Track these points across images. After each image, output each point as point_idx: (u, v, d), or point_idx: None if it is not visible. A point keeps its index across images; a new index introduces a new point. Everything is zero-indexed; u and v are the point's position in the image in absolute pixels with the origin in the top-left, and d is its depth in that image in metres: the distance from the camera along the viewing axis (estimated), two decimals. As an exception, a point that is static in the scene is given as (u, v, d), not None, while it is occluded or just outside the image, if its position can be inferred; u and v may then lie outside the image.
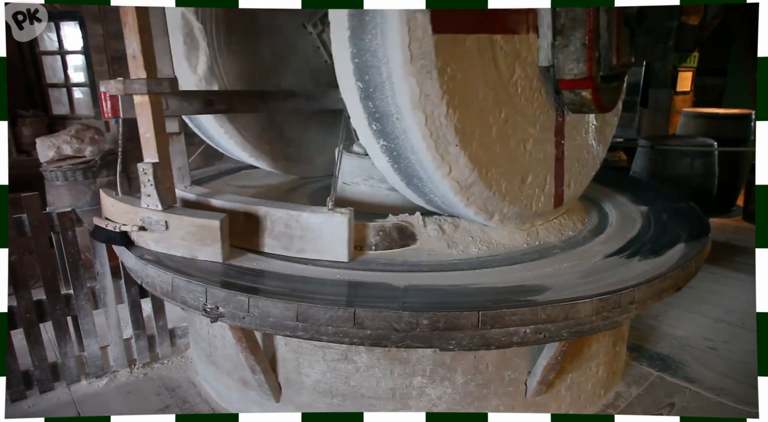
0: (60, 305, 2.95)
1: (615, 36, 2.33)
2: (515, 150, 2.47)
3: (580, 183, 2.91)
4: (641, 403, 2.84)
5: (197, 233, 2.32)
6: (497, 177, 2.39)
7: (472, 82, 2.24)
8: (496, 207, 2.46)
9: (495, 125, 2.36)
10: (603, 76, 2.36)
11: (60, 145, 4.34)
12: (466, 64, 2.20)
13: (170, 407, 2.85)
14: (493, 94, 2.33)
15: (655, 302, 2.20)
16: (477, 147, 2.28)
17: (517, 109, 2.44)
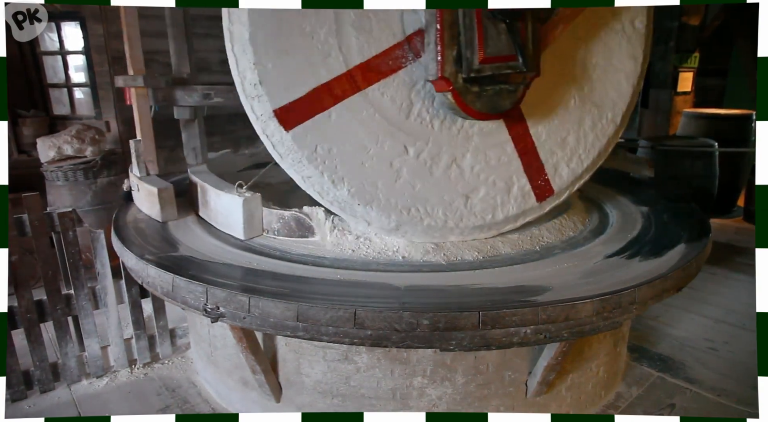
0: (60, 305, 2.95)
1: (477, 33, 2.12)
2: (443, 177, 2.44)
3: (581, 159, 2.68)
4: (642, 404, 2.84)
5: (149, 196, 2.90)
6: (426, 211, 2.43)
7: (355, 145, 2.33)
8: (436, 235, 2.50)
9: (404, 166, 2.40)
10: (472, 77, 2.16)
11: (61, 145, 4.34)
12: (339, 134, 2.30)
13: (170, 407, 2.85)
14: (390, 139, 2.37)
15: (656, 302, 2.20)
16: (386, 196, 2.39)
17: (430, 138, 2.41)
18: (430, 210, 2.45)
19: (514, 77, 2.22)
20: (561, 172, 2.66)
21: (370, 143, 2.35)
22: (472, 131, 2.47)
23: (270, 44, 2.22)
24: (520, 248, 2.55)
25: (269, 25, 2.22)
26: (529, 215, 2.67)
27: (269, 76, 2.23)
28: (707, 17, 7.36)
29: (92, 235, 2.96)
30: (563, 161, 2.66)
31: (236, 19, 2.22)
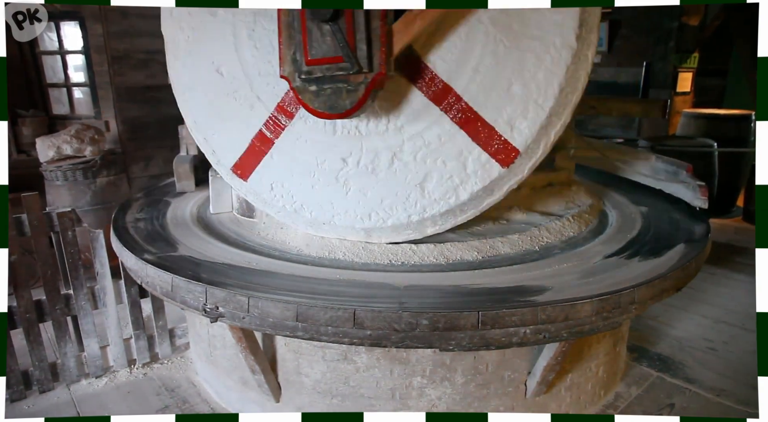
0: (60, 305, 2.95)
1: (302, 35, 2.14)
2: (389, 175, 2.38)
3: (539, 105, 2.24)
4: (641, 404, 2.84)
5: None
6: (386, 211, 2.41)
7: (300, 172, 2.49)
8: (408, 232, 2.47)
9: (349, 178, 2.43)
10: (306, 77, 2.17)
11: (60, 145, 4.34)
12: (284, 168, 2.53)
13: (170, 407, 2.85)
14: (328, 157, 2.43)
15: (655, 302, 2.20)
16: (344, 209, 2.45)
17: (362, 144, 2.39)
18: (389, 210, 2.40)
19: (353, 77, 2.13)
20: (519, 127, 2.27)
21: (312, 167, 2.47)
22: (400, 122, 2.34)
23: (210, 120, 2.64)
24: (519, 248, 2.55)
25: (205, 102, 2.63)
26: (504, 185, 2.37)
27: (218, 143, 2.66)
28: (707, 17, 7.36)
29: (91, 235, 2.96)
30: (517, 114, 2.26)
31: (181, 108, 2.76)
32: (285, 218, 2.64)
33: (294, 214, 2.57)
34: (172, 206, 3.17)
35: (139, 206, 3.18)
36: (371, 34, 2.08)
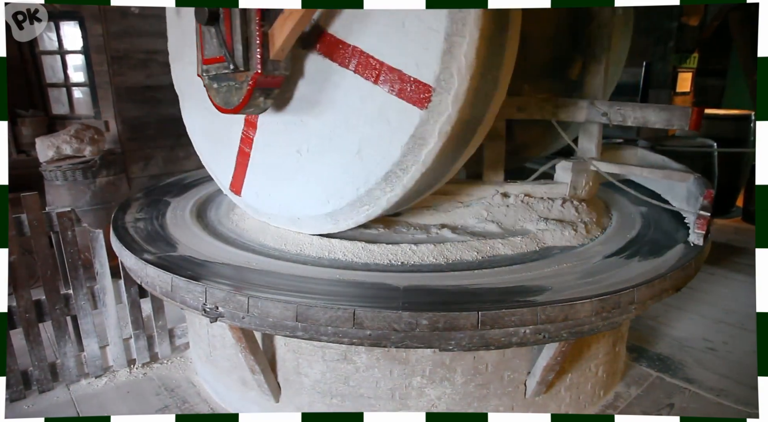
0: (59, 305, 2.95)
1: (198, 37, 2.30)
2: (334, 153, 2.35)
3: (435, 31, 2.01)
4: (641, 404, 2.84)
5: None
6: (348, 190, 2.37)
7: (275, 175, 2.59)
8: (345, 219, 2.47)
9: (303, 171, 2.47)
10: (207, 75, 2.34)
11: (59, 144, 4.34)
12: (264, 175, 2.67)
13: (169, 407, 2.85)
14: (285, 152, 2.50)
15: (655, 302, 2.20)
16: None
17: (310, 135, 2.43)
18: (342, 188, 2.36)
19: (238, 75, 2.22)
20: (423, 60, 2.05)
21: (279, 167, 2.56)
22: (328, 99, 2.30)
23: (209, 150, 2.94)
24: (519, 249, 2.55)
25: (204, 136, 2.94)
26: (432, 129, 2.10)
27: (217, 169, 2.93)
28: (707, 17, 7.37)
29: (91, 235, 2.95)
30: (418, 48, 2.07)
31: (196, 149, 3.04)
32: (275, 222, 2.71)
33: (278, 216, 2.65)
34: (172, 206, 3.17)
35: (139, 206, 3.18)
36: (248, 36, 2.15)
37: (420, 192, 2.41)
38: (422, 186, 2.32)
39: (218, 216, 3.03)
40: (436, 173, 2.28)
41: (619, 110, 2.86)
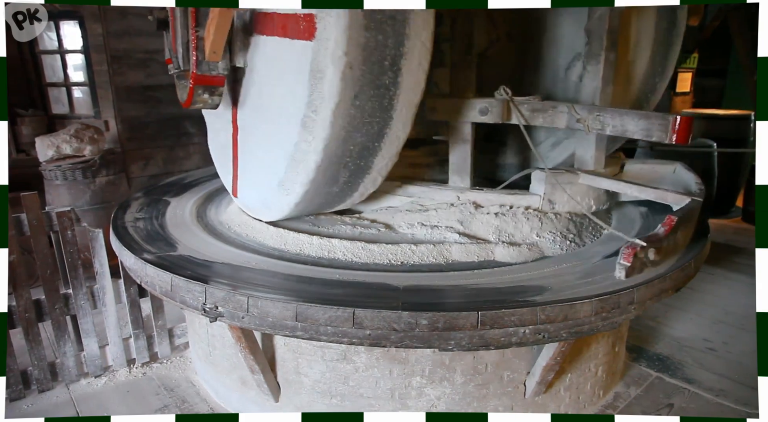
0: (59, 304, 2.95)
1: (171, 38, 2.50)
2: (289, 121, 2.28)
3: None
4: (640, 404, 2.84)
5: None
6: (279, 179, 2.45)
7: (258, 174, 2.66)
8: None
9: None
10: (172, 73, 2.57)
11: (59, 144, 4.34)
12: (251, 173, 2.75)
13: (169, 407, 2.85)
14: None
15: (655, 303, 2.20)
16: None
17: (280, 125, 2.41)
18: (282, 153, 2.35)
19: (186, 74, 2.45)
20: None
21: (252, 163, 2.68)
22: (260, 65, 2.38)
23: (217, 161, 3.12)
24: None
25: (213, 149, 3.15)
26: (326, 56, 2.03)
27: (222, 177, 3.08)
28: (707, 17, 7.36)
29: (91, 234, 2.95)
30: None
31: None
32: (260, 215, 2.77)
33: (256, 209, 2.78)
34: (172, 206, 3.17)
35: (139, 206, 3.18)
36: (187, 40, 2.32)
37: (345, 149, 2.25)
38: (342, 135, 2.18)
39: (218, 216, 3.03)
40: (352, 120, 2.15)
41: (599, 116, 2.57)
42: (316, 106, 2.10)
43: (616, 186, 2.66)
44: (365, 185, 2.51)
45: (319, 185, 2.38)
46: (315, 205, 2.61)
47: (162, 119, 5.14)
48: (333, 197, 2.56)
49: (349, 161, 2.32)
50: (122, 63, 4.91)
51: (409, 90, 2.19)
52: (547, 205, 2.66)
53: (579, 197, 2.70)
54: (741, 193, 6.36)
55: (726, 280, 4.38)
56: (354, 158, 2.32)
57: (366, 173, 2.42)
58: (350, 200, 2.63)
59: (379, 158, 2.37)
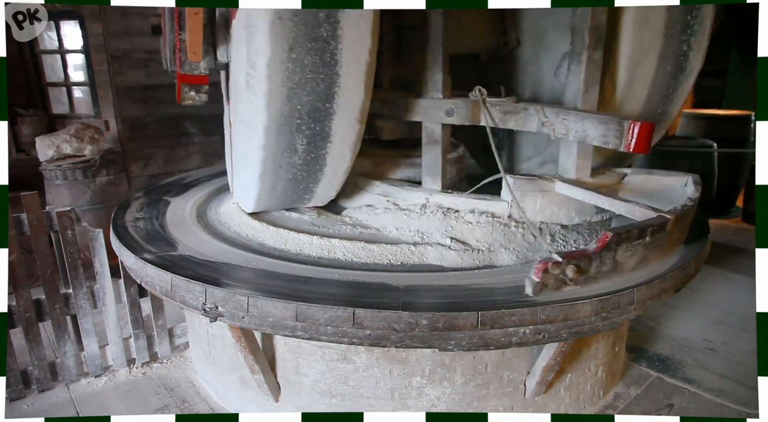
0: (59, 304, 2.95)
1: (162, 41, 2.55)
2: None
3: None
4: (640, 404, 2.84)
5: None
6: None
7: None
8: None
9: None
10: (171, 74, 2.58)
11: (59, 144, 4.34)
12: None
13: (169, 406, 2.85)
14: None
15: (655, 303, 2.20)
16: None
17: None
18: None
19: (174, 74, 2.50)
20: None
21: (242, 157, 2.65)
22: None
23: (228, 163, 3.10)
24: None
25: (227, 149, 3.05)
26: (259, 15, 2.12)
27: (229, 179, 3.10)
28: (706, 18, 7.35)
29: (91, 234, 2.95)
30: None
31: None
32: (246, 207, 2.80)
33: (244, 201, 2.79)
34: (172, 206, 3.17)
35: (139, 206, 3.18)
36: (173, 43, 2.39)
37: (292, 108, 2.24)
38: (285, 92, 2.18)
39: (218, 216, 3.03)
40: (292, 75, 2.15)
41: (564, 119, 2.41)
42: (254, 62, 2.13)
43: (588, 197, 2.47)
44: (333, 159, 2.44)
45: (275, 152, 2.36)
46: (284, 181, 2.53)
47: (162, 118, 5.14)
48: (302, 172, 2.49)
49: (301, 124, 2.29)
50: (122, 63, 4.91)
51: (354, 44, 2.16)
52: (516, 212, 2.53)
53: (555, 207, 2.55)
54: (741, 193, 6.35)
55: (726, 280, 4.38)
56: (306, 121, 2.29)
57: (327, 140, 2.37)
58: (325, 179, 2.56)
59: (337, 123, 2.33)
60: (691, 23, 2.61)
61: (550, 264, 1.92)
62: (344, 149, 2.43)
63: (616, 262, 2.08)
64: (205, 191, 3.45)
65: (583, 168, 2.64)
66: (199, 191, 3.45)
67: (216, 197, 3.33)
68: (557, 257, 1.92)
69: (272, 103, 2.20)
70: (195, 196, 3.36)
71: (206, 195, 3.38)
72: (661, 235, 2.16)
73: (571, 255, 1.95)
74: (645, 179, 2.77)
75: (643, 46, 2.59)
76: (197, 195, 3.38)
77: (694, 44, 2.71)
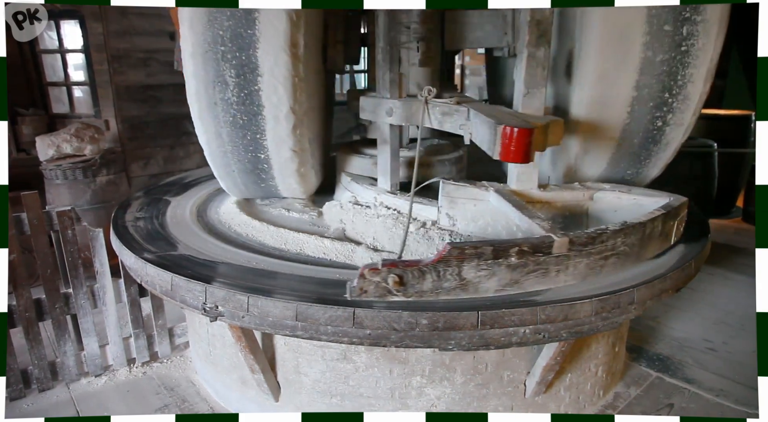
0: (59, 304, 2.95)
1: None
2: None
3: None
4: (640, 404, 2.84)
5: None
6: None
7: None
8: None
9: None
10: None
11: (60, 143, 4.34)
12: None
13: (169, 406, 2.85)
14: None
15: (655, 303, 2.20)
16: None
17: None
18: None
19: None
20: None
21: None
22: None
23: None
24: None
25: None
26: None
27: None
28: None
29: (91, 234, 2.96)
30: None
31: None
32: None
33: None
34: (172, 205, 3.17)
35: (139, 205, 3.17)
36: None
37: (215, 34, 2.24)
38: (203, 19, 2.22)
39: (218, 215, 3.03)
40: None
41: (474, 122, 2.23)
42: None
43: (505, 209, 2.26)
44: (269, 99, 2.36)
45: (205, 82, 2.35)
46: (227, 127, 2.48)
47: (162, 118, 5.14)
48: (240, 114, 2.43)
49: (226, 52, 2.26)
50: (122, 62, 4.91)
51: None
52: (445, 220, 2.40)
53: (491, 217, 2.36)
54: (741, 193, 6.35)
55: (726, 280, 4.38)
56: (230, 48, 2.25)
57: (256, 73, 2.30)
58: (271, 132, 2.48)
59: (263, 53, 2.26)
60: (686, 32, 2.34)
61: (367, 271, 1.82)
62: (277, 85, 2.31)
63: (464, 280, 1.86)
64: (205, 191, 3.45)
65: (525, 178, 2.43)
66: (199, 191, 3.45)
67: (216, 197, 3.33)
68: (378, 264, 1.82)
69: (194, 26, 2.23)
70: (195, 196, 3.36)
71: (206, 195, 3.38)
72: (547, 258, 1.91)
73: (393, 264, 1.82)
74: (618, 196, 2.47)
75: (615, 56, 2.35)
76: (197, 195, 3.38)
77: (692, 58, 2.42)
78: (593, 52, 2.38)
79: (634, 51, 2.33)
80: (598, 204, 2.49)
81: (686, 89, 2.45)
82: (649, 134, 2.57)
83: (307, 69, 2.42)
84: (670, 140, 2.62)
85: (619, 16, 2.28)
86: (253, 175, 2.80)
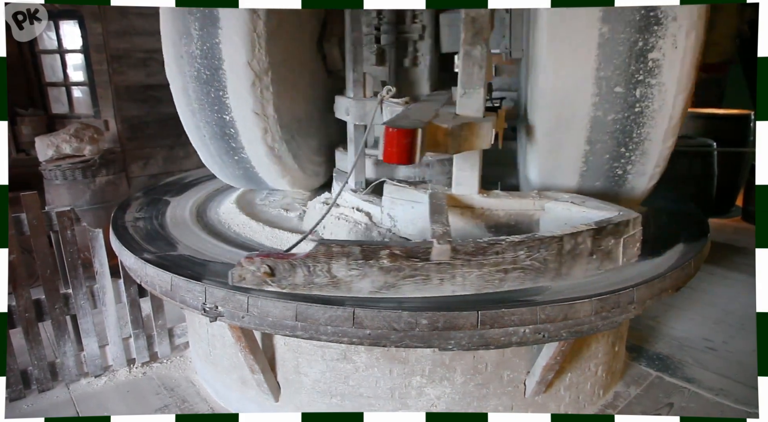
0: (59, 304, 2.95)
1: None
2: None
3: None
4: (640, 403, 2.84)
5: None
6: None
7: None
8: None
9: None
10: None
11: (59, 144, 4.34)
12: None
13: (169, 406, 2.85)
14: None
15: (655, 302, 2.20)
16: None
17: None
18: None
19: None
20: None
21: None
22: None
23: None
24: None
25: None
26: None
27: None
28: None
29: (91, 234, 2.95)
30: None
31: None
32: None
33: None
34: (172, 205, 3.17)
35: (139, 205, 3.18)
36: None
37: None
38: None
39: (218, 216, 3.03)
40: None
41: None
42: None
43: (428, 216, 2.18)
44: (230, 56, 2.42)
45: (173, 36, 2.46)
46: (193, 83, 2.61)
47: (162, 118, 5.14)
48: (203, 70, 2.50)
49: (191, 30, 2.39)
50: (122, 63, 4.90)
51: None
52: (387, 220, 2.38)
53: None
54: (741, 193, 6.35)
55: (726, 280, 4.38)
56: (197, 30, 2.39)
57: (216, 26, 2.36)
58: (234, 95, 2.54)
59: (223, 32, 2.37)
60: (639, 94, 2.24)
61: (244, 259, 1.93)
62: (237, 40, 2.33)
63: (335, 277, 1.89)
64: (204, 191, 3.45)
65: (466, 181, 2.33)
66: (198, 191, 3.45)
67: (216, 197, 3.33)
68: (255, 254, 1.93)
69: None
70: (195, 196, 3.37)
71: (206, 195, 3.39)
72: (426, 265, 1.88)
73: (266, 255, 1.92)
74: (568, 208, 2.33)
75: (566, 64, 2.25)
76: (197, 195, 3.38)
77: (647, 118, 2.31)
78: (543, 105, 2.35)
79: (583, 110, 2.29)
80: (549, 214, 2.36)
81: (644, 146, 2.39)
82: (610, 179, 2.54)
83: (276, 36, 2.43)
84: (635, 186, 2.60)
85: (567, 80, 2.24)
86: (223, 142, 2.78)
